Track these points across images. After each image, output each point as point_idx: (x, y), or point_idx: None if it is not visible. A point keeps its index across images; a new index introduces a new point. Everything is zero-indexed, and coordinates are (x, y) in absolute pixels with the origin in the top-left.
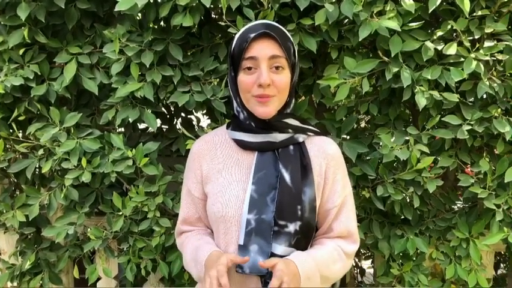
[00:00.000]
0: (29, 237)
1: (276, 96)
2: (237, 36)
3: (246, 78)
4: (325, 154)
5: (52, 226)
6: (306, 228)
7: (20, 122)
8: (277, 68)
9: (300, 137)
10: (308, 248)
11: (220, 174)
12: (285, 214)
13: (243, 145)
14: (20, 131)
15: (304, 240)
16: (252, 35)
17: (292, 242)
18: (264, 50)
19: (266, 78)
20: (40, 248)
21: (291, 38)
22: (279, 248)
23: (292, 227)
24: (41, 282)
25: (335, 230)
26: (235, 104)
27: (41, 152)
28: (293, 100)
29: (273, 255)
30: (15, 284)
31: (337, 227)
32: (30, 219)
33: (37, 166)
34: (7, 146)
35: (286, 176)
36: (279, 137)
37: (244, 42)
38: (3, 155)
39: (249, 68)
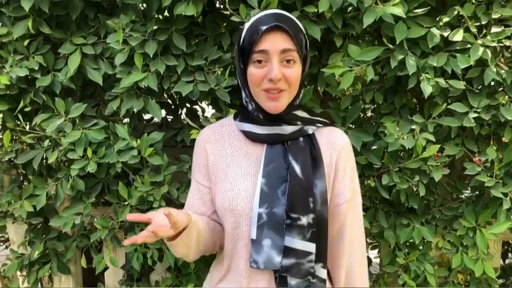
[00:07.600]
0: (37, 227)
1: (286, 91)
2: (246, 27)
3: (256, 72)
4: (335, 145)
5: (59, 216)
6: (320, 220)
7: (26, 113)
8: (288, 61)
9: (310, 129)
10: (323, 242)
11: (228, 167)
12: (297, 207)
13: (252, 137)
14: (27, 123)
15: (319, 233)
16: (264, 28)
17: (308, 236)
18: (275, 43)
19: (277, 73)
20: (48, 237)
21: (302, 28)
22: (293, 241)
23: (305, 220)
24: (49, 271)
25: (346, 235)
26: (243, 95)
27: (47, 142)
28: (301, 91)
29: (286, 248)
30: (24, 273)
31: (348, 234)
32: (37, 210)
33: (44, 157)
34: (14, 137)
35: (297, 168)
36: (288, 129)
37: (255, 34)
38: (11, 146)
39: (259, 61)
